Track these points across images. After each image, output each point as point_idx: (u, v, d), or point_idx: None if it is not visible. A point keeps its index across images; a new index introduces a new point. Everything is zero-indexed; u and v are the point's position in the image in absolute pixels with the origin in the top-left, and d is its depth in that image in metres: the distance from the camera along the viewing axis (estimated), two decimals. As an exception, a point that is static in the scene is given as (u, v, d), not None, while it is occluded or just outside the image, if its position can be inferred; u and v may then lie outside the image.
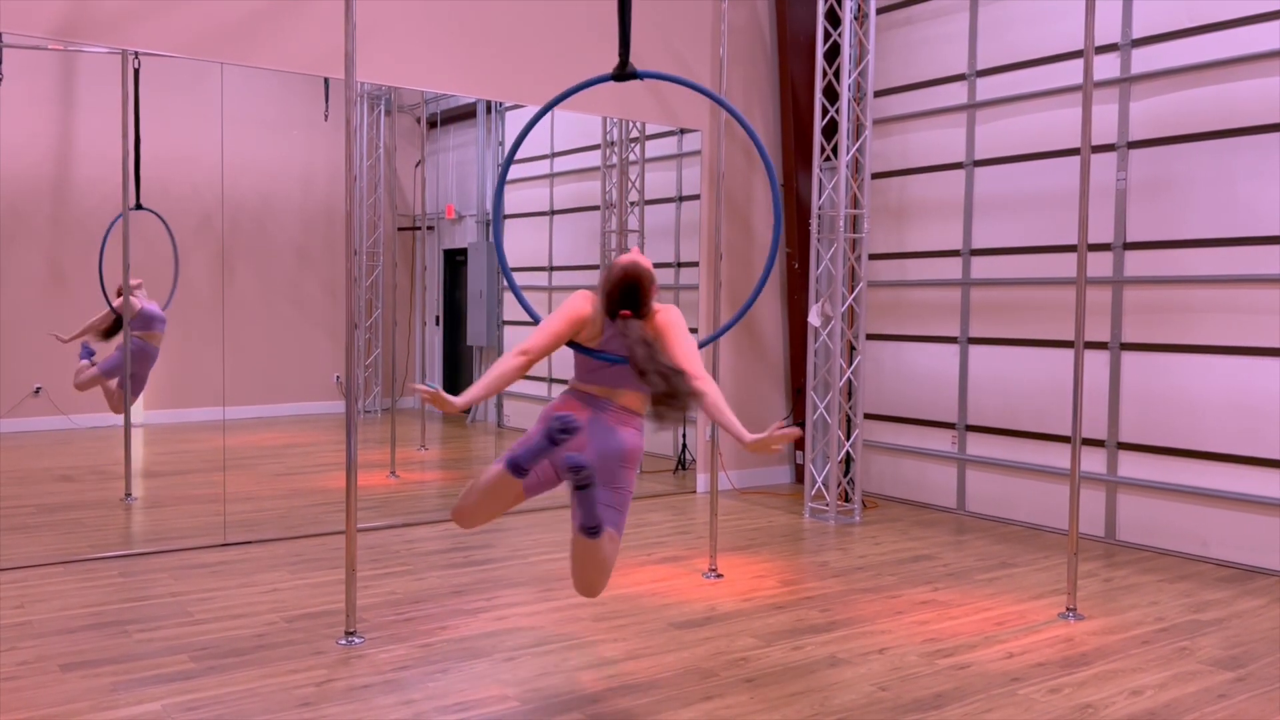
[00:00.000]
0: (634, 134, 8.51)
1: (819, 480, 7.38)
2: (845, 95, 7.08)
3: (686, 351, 3.51)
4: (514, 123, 9.54)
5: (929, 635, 4.65)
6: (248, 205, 7.89)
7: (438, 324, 9.65)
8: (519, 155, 9.45)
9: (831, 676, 4.13)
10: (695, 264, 8.14)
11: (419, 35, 6.42)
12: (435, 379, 9.79)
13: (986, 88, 7.19)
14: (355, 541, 4.51)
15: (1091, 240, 6.39)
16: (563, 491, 3.56)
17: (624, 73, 3.96)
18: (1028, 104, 6.93)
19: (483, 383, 3.46)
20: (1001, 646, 4.51)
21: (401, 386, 9.08)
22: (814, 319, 7.24)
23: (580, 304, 3.63)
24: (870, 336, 7.84)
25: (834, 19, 7.40)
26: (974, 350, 7.28)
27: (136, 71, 6.54)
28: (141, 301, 7.01)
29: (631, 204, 8.53)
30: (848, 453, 7.36)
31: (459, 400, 3.37)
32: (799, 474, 8.38)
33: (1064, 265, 6.64)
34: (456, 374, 9.89)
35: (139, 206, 6.76)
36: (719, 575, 5.57)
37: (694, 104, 7.64)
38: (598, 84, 4.02)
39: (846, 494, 7.39)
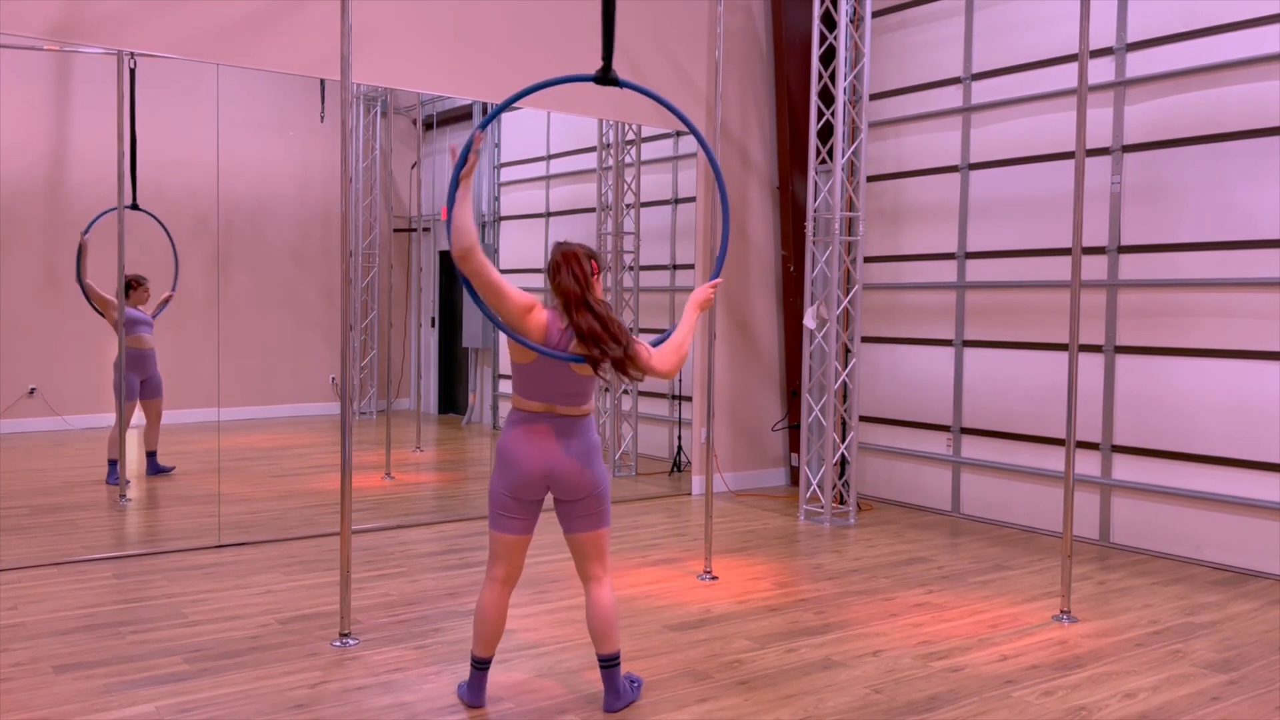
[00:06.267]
0: (630, 136, 8.52)
1: (814, 483, 7.38)
2: (841, 98, 7.09)
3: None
4: (510, 125, 9.55)
5: (923, 638, 4.65)
6: (243, 207, 7.89)
7: (433, 325, 9.65)
8: (516, 157, 9.52)
9: (826, 679, 4.13)
10: (690, 266, 8.15)
11: (415, 37, 6.42)
12: (431, 380, 9.79)
13: (982, 91, 7.20)
14: (350, 543, 4.51)
15: (1086, 244, 6.40)
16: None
17: (606, 77, 3.96)
18: (1023, 108, 6.94)
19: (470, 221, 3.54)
20: (995, 649, 4.52)
21: (397, 388, 9.07)
22: (809, 322, 7.25)
23: (534, 300, 3.60)
24: (865, 339, 7.85)
25: (830, 22, 7.41)
26: (969, 353, 7.29)
27: (132, 72, 6.53)
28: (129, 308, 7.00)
29: (627, 206, 8.54)
30: (843, 455, 7.37)
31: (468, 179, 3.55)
32: (794, 476, 8.38)
33: (1059, 268, 6.65)
34: (452, 376, 9.89)
35: (135, 206, 6.75)
36: (714, 577, 5.57)
37: (689, 107, 7.64)
38: (577, 82, 4.01)
39: (841, 496, 7.39)
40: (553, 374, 3.58)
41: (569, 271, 3.59)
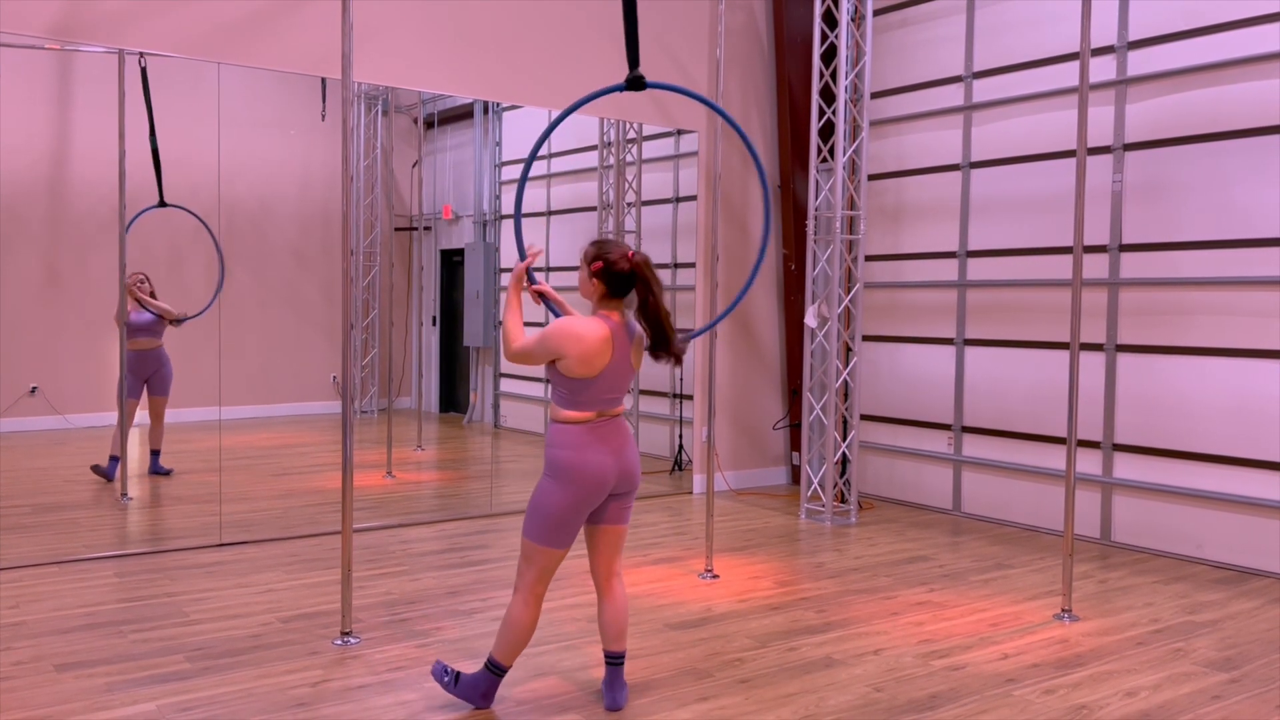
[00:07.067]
0: (631, 135, 8.52)
1: (815, 481, 7.38)
2: (842, 97, 7.09)
3: None
4: (511, 123, 9.54)
5: (924, 636, 4.65)
6: (245, 205, 7.88)
7: (434, 324, 9.65)
8: (516, 156, 9.50)
9: (827, 677, 4.13)
10: (692, 265, 8.15)
11: (416, 36, 6.42)
12: (432, 379, 9.78)
13: (983, 90, 7.20)
14: (351, 542, 4.51)
15: (1087, 242, 6.40)
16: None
17: (638, 82, 4.01)
18: (1024, 106, 6.94)
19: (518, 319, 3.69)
20: (997, 648, 4.52)
21: (398, 387, 9.07)
22: (810, 320, 7.24)
23: (594, 326, 3.60)
24: (867, 338, 7.85)
25: (831, 21, 7.41)
26: (970, 352, 7.29)
27: (144, 70, 6.51)
28: (134, 311, 7.02)
29: (628, 205, 8.53)
30: (844, 454, 7.37)
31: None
32: (795, 475, 8.38)
33: (1060, 267, 6.65)
34: (453, 374, 9.89)
35: (162, 203, 6.76)
36: (715, 576, 5.57)
37: (690, 106, 7.64)
38: (610, 93, 4.06)
39: (843, 495, 7.39)
40: (615, 378, 3.64)
41: (658, 288, 3.64)
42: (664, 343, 3.62)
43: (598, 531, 3.76)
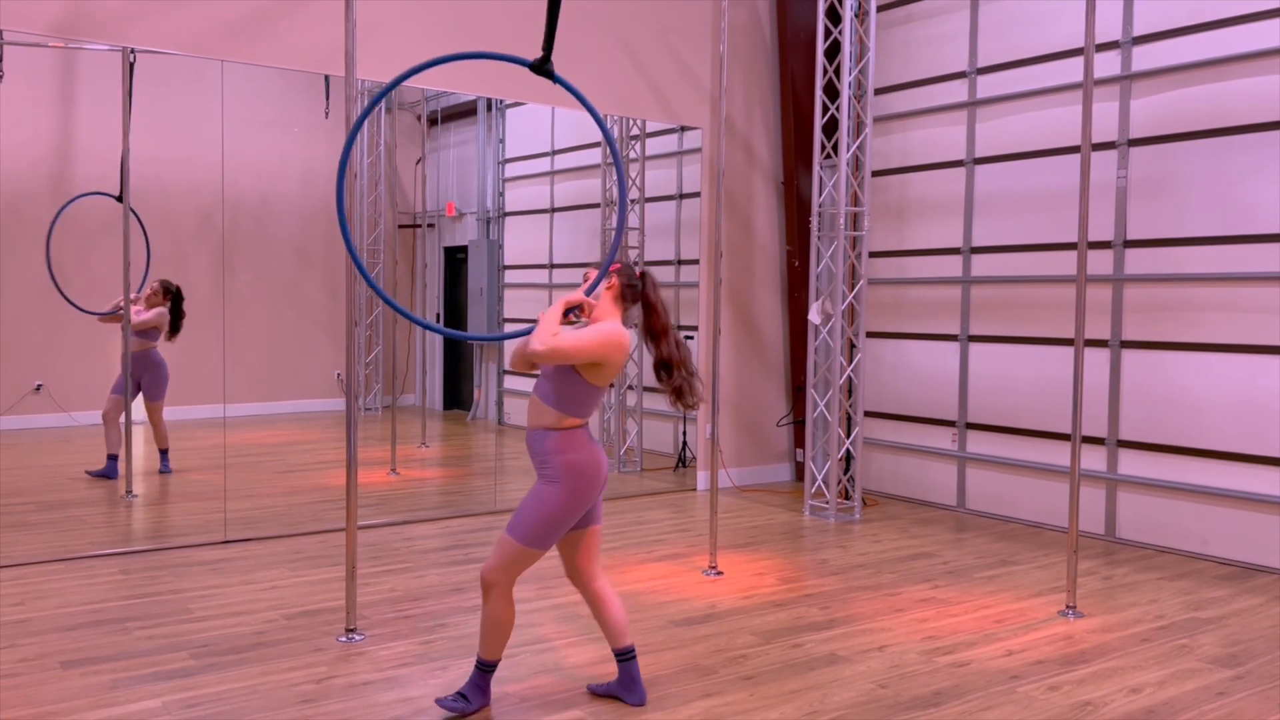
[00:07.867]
0: (635, 131, 8.51)
1: (819, 478, 7.38)
2: (846, 93, 7.08)
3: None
4: (515, 120, 9.54)
5: (928, 633, 4.65)
6: (248, 203, 7.89)
7: (438, 321, 9.65)
8: (520, 153, 9.51)
9: (831, 674, 4.13)
10: (695, 261, 8.15)
11: (419, 32, 6.42)
12: (436, 376, 9.79)
13: (987, 85, 7.19)
14: (355, 539, 4.51)
15: (1092, 238, 6.39)
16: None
17: (542, 67, 3.92)
18: (1028, 102, 6.93)
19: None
20: (1001, 644, 4.52)
21: (402, 384, 9.08)
22: (814, 317, 7.24)
23: (623, 340, 3.61)
24: (871, 334, 7.84)
25: (835, 16, 7.40)
26: (974, 348, 7.28)
27: (132, 65, 6.51)
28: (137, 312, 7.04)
29: (632, 202, 8.53)
30: (848, 450, 7.36)
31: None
32: (799, 472, 8.38)
33: (1064, 263, 6.64)
34: (457, 371, 9.90)
35: (120, 198, 6.74)
36: (719, 573, 5.57)
37: (694, 102, 7.64)
38: (510, 62, 3.97)
39: (847, 492, 7.39)
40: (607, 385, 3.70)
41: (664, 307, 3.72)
42: (673, 373, 3.66)
43: (584, 535, 3.73)
